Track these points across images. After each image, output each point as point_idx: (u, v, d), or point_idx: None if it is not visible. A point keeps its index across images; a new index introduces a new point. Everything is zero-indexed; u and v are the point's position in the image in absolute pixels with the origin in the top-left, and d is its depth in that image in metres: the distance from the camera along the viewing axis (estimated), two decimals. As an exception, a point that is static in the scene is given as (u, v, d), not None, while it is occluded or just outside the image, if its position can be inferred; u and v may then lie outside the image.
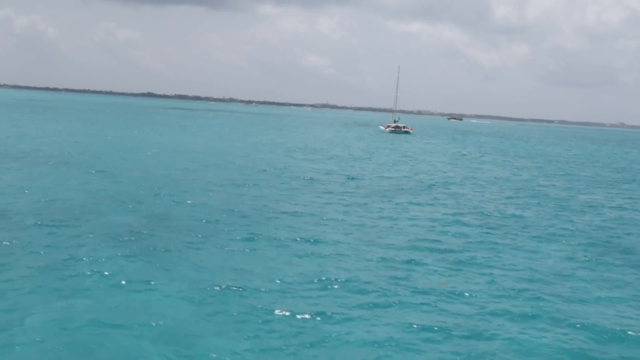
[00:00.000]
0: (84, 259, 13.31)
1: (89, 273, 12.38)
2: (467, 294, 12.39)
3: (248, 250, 14.79)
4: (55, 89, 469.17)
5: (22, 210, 17.59)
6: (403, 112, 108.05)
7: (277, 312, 10.77)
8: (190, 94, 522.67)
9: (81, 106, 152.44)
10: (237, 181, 26.83)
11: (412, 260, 14.77)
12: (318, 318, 10.59)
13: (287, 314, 10.70)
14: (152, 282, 12.09)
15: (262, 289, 11.94)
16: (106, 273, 12.44)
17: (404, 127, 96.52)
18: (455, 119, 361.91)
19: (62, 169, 27.56)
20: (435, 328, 10.38)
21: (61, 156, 32.90)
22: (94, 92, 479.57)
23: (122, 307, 10.84)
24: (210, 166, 32.56)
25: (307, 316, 10.60)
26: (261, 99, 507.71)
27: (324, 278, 12.82)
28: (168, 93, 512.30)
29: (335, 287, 12.35)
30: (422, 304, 11.64)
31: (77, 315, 10.31)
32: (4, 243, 13.98)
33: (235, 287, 12.01)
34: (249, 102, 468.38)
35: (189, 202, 20.77)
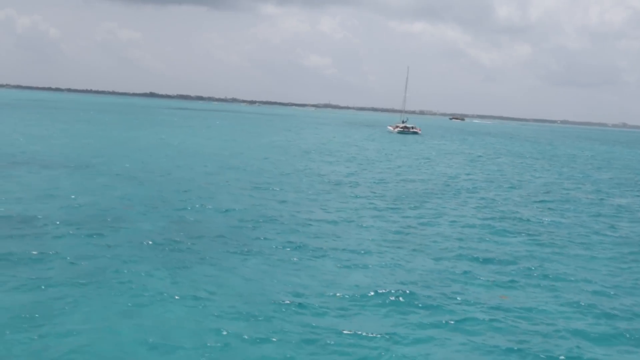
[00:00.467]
0: (125, 271, 12.62)
1: (132, 287, 11.70)
2: (533, 310, 11.69)
3: (295, 260, 14.10)
4: (57, 89, 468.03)
5: (51, 217, 16.91)
6: (405, 112, 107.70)
7: (342, 330, 10.08)
8: (192, 94, 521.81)
9: (85, 106, 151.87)
10: (261, 185, 26.14)
11: (465, 271, 14.06)
12: (387, 337, 9.92)
13: (353, 332, 10.01)
14: (201, 297, 11.41)
15: (320, 305, 11.25)
16: (150, 287, 11.77)
17: (412, 128, 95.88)
18: (457, 119, 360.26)
19: (81, 172, 26.90)
20: (515, 349, 9.69)
21: (76, 159, 32.27)
22: (96, 92, 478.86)
23: (171, 325, 10.15)
24: (229, 168, 31.89)
25: (376, 335, 9.91)
26: (263, 99, 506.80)
27: (380, 291, 12.12)
28: (170, 93, 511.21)
29: (395, 301, 11.66)
30: (491, 320, 10.93)
31: (124, 335, 9.64)
32: (41, 253, 13.31)
33: (290, 301, 11.31)
34: (253, 102, 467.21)
35: (219, 207, 20.08)
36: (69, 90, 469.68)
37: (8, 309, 10.16)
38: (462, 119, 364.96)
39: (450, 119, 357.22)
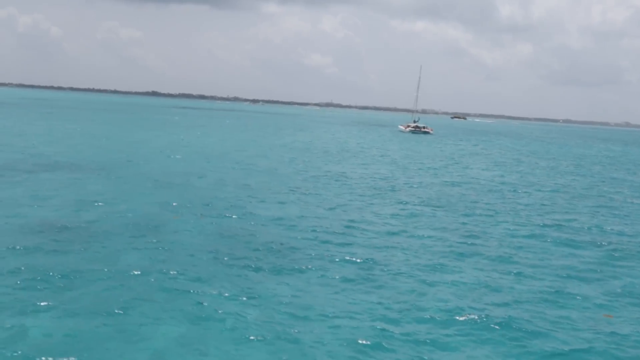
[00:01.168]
0: (197, 291, 11.59)
1: (210, 310, 10.68)
2: (648, 334, 10.63)
3: (371, 276, 13.04)
4: (59, 88, 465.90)
5: (96, 226, 15.95)
6: (408, 111, 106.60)
7: (456, 362, 9.03)
8: (194, 92, 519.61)
9: (90, 105, 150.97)
10: (299, 188, 25.08)
11: (553, 288, 13.03)
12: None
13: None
14: (289, 322, 10.33)
15: (421, 331, 10.22)
16: (229, 309, 10.75)
17: (423, 128, 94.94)
18: (458, 117, 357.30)
19: (109, 176, 25.80)
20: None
21: (100, 161, 31.17)
22: (98, 91, 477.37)
23: (269, 354, 9.10)
24: (260, 171, 30.77)
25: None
26: (265, 98, 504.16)
27: (475, 315, 11.03)
28: (172, 92, 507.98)
29: (498, 325, 10.59)
30: (611, 348, 9.87)
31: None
32: (100, 270, 12.25)
33: (387, 328, 10.27)
34: (256, 101, 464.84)
35: (266, 214, 19.02)
36: (71, 89, 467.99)
37: (89, 334, 9.16)
38: (464, 118, 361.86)
39: (452, 117, 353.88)
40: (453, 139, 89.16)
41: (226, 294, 11.43)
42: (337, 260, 14.23)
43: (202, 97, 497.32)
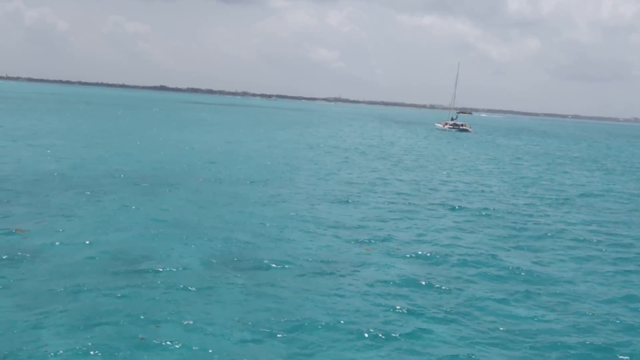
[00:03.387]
0: None
1: None
2: None
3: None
4: (68, 82, 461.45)
5: (277, 261, 13.11)
6: (415, 106, 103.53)
7: None
8: (202, 87, 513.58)
9: (109, 100, 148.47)
10: (452, 205, 22.35)
11: None
12: None
13: None
14: None
15: None
16: None
17: (462, 126, 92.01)
18: (464, 113, 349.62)
19: (236, 195, 22.48)
20: None
21: (196, 173, 28.16)
22: (107, 85, 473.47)
23: None
24: (388, 184, 27.41)
25: None
26: (272, 93, 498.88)
27: None
28: (180, 86, 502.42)
29: None
30: None
31: None
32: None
33: None
34: (269, 96, 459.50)
35: (464, 246, 16.11)
36: (80, 83, 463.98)
37: None
38: (470, 113, 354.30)
39: (458, 113, 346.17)
40: (496, 137, 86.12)
41: None
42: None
43: (210, 91, 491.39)
